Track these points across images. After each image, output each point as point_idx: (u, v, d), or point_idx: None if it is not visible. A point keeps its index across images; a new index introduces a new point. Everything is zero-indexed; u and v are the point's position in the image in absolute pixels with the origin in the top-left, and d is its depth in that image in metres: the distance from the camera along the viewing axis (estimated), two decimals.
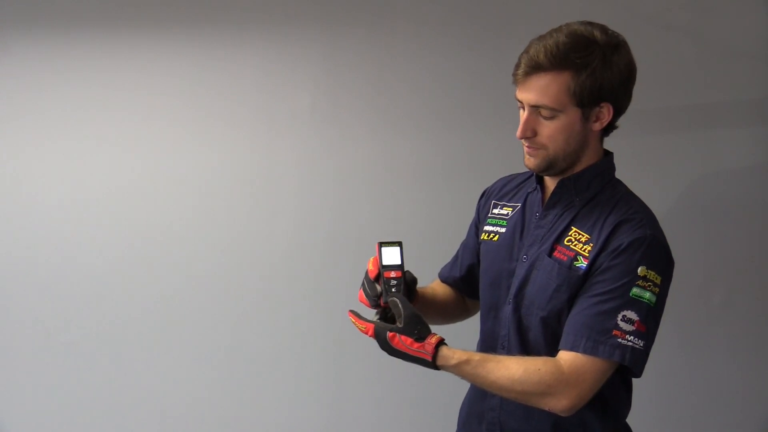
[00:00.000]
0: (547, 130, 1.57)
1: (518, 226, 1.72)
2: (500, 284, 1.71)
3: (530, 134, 1.58)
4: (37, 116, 2.65)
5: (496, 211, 1.79)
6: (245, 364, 2.69)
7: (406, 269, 1.70)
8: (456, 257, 1.94)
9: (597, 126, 1.59)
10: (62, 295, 2.68)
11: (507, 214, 1.76)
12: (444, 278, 1.95)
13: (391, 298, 1.61)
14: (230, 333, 2.68)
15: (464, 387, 1.79)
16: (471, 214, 1.93)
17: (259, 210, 2.65)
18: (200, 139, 2.64)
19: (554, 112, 1.55)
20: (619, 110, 1.60)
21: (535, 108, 1.57)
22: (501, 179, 1.87)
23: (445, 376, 1.63)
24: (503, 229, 1.74)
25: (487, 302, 1.75)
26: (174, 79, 2.63)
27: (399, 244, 1.68)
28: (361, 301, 1.71)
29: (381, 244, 1.68)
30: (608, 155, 1.67)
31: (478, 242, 1.83)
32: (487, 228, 1.79)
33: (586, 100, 1.54)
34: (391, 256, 1.67)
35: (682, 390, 2.52)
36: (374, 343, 1.61)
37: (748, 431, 2.50)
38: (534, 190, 1.73)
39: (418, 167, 2.59)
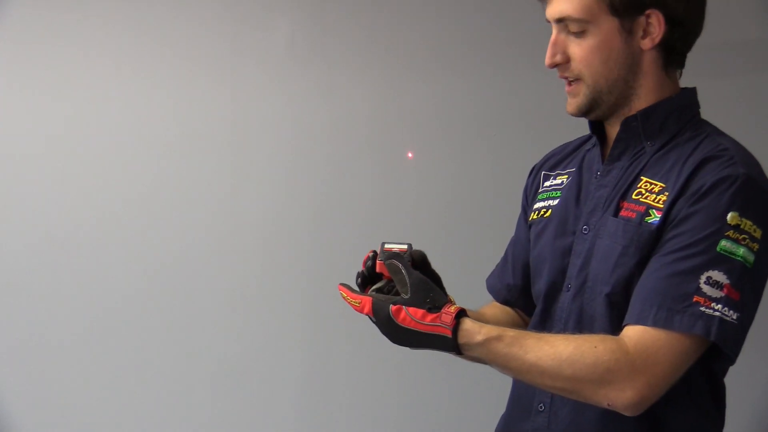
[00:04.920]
0: (580, 50, 1.33)
1: (573, 191, 1.43)
2: (553, 268, 1.40)
3: (560, 59, 1.35)
4: None
5: (547, 183, 1.50)
6: (238, 335, 2.63)
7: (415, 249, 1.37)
8: (504, 260, 1.60)
9: (648, 43, 1.32)
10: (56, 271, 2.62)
11: (561, 183, 1.47)
12: (496, 290, 1.59)
13: (389, 261, 1.29)
14: (223, 295, 2.61)
15: (501, 403, 1.49)
16: (484, 164, 1.75)
17: (227, 172, 2.51)
18: (152, 81, 2.48)
19: (583, 24, 1.32)
20: (674, 21, 1.32)
21: (562, 23, 1.34)
22: (551, 150, 1.58)
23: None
24: (556, 201, 1.45)
25: (535, 293, 1.45)
26: None
27: (408, 246, 1.35)
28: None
29: (384, 244, 1.36)
30: (687, 90, 1.38)
31: (529, 229, 1.52)
32: (537, 205, 1.49)
33: (620, 4, 1.30)
34: (394, 247, 1.36)
35: None
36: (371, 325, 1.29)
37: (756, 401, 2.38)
38: (593, 146, 1.44)
39: (422, 116, 2.40)
